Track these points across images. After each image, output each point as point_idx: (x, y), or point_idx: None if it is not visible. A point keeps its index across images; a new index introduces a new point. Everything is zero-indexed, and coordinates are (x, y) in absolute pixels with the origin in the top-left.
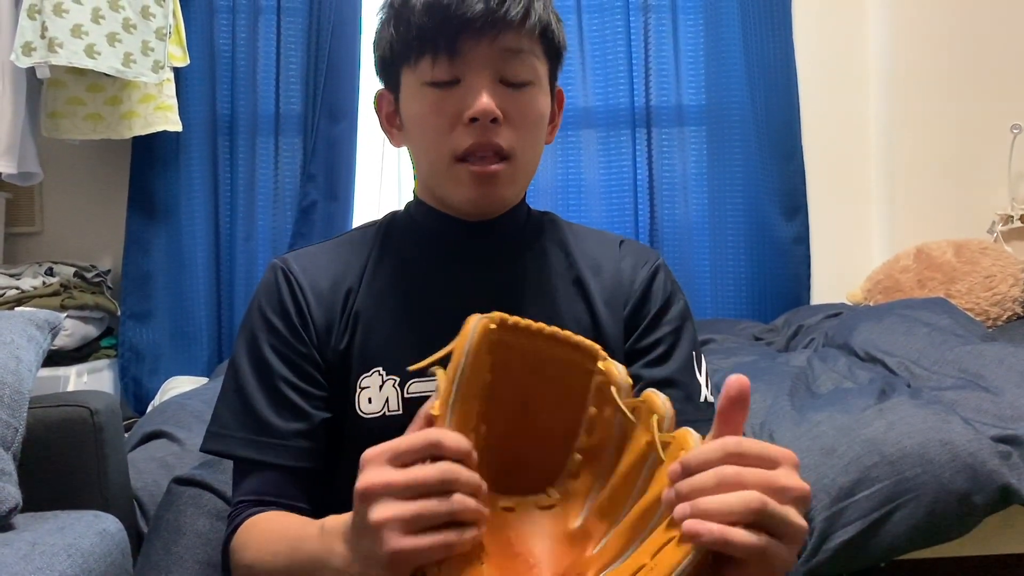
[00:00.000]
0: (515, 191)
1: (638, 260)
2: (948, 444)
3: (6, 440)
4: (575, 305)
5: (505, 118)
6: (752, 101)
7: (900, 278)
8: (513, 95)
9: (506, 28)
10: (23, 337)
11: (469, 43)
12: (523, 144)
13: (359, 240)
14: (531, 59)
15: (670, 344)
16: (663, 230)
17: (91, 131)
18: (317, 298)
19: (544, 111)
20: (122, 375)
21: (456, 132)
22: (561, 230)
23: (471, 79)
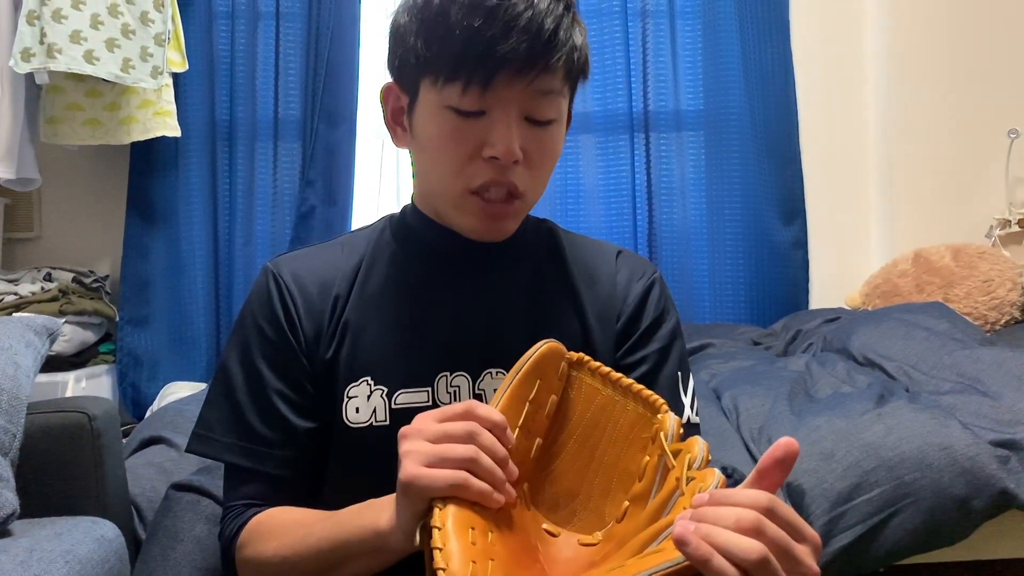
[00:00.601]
0: (519, 221)
1: (634, 273)
2: (947, 449)
3: (4, 446)
4: (567, 317)
5: (525, 157)
6: (750, 106)
7: (898, 282)
8: (536, 133)
9: (546, 71)
10: (21, 343)
11: (505, 80)
12: (536, 183)
13: (352, 245)
14: (559, 100)
15: (655, 363)
16: (661, 235)
17: (90, 136)
18: (306, 305)
19: (559, 145)
20: (120, 381)
21: (473, 165)
22: (558, 239)
23: (498, 114)
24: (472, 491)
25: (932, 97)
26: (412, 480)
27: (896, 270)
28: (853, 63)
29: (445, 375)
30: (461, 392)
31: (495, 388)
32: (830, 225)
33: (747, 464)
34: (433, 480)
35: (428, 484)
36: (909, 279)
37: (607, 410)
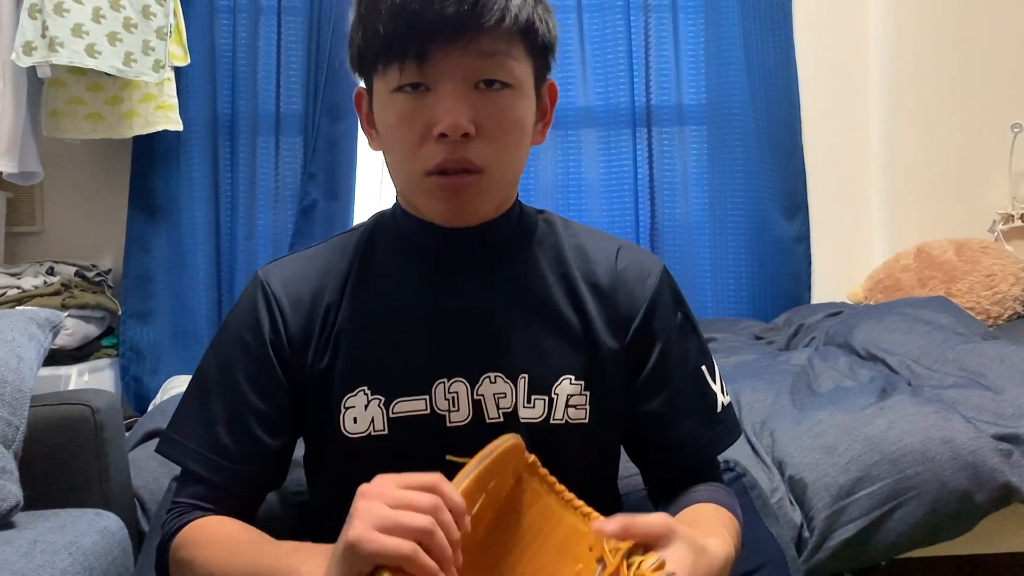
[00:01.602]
0: (491, 202)
1: (640, 273)
2: (949, 442)
3: (7, 438)
4: (568, 317)
5: (479, 129)
6: (752, 100)
7: (901, 277)
8: (488, 101)
9: (480, 32)
10: (24, 336)
11: (439, 49)
12: (498, 155)
13: (342, 248)
14: (508, 62)
15: (678, 365)
16: (663, 229)
17: (92, 131)
18: (295, 314)
19: (523, 116)
20: (123, 374)
21: (426, 146)
22: (556, 232)
23: (442, 87)
24: (420, 565)
25: (936, 91)
26: (360, 542)
27: (898, 265)
28: (856, 57)
29: (443, 381)
30: (460, 399)
31: (494, 393)
32: (832, 220)
33: (750, 458)
34: (382, 546)
35: (376, 549)
36: (911, 274)
37: (548, 518)
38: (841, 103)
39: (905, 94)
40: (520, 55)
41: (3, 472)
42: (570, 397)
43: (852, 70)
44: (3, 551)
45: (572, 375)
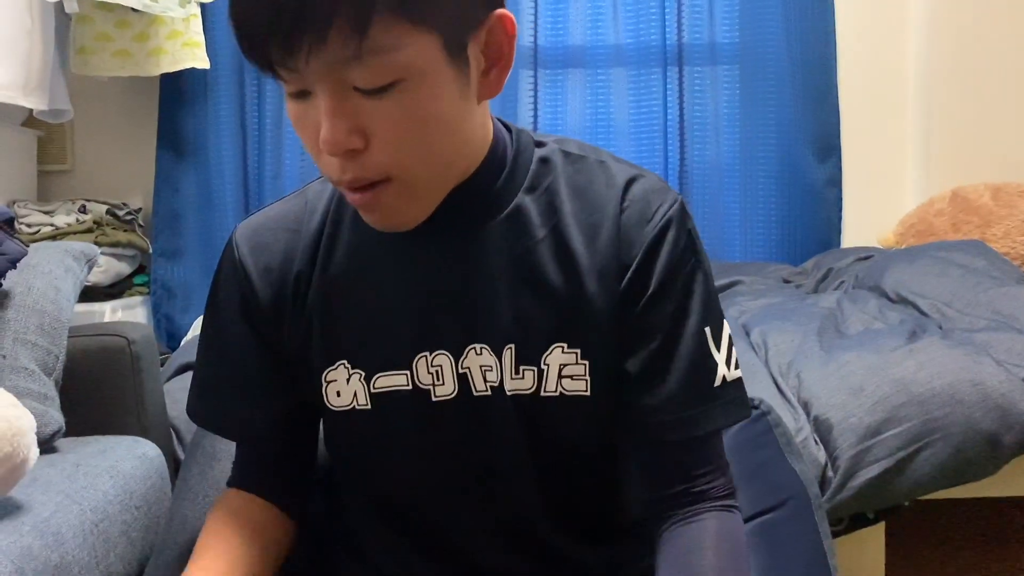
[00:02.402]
0: (423, 203)
1: (644, 212)
2: (979, 384)
3: (47, 366)
4: (558, 279)
5: (369, 139)
6: (787, 39)
7: (934, 221)
8: (374, 105)
9: (320, 37)
10: (61, 267)
11: (283, 62)
12: (403, 162)
13: (313, 204)
14: (385, 55)
15: (672, 324)
16: (693, 171)
17: (119, 68)
18: (264, 283)
19: (430, 107)
20: (155, 312)
21: (324, 156)
22: (554, 174)
23: (318, 94)
24: None
25: (975, 32)
26: None
27: (932, 209)
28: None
29: (425, 355)
30: (444, 372)
31: (480, 366)
32: (865, 163)
33: (775, 398)
34: None
35: None
36: (945, 218)
37: None
38: (878, 44)
39: (944, 35)
40: (401, 36)
41: (45, 398)
42: (563, 367)
43: (891, 9)
44: (47, 473)
45: (564, 343)
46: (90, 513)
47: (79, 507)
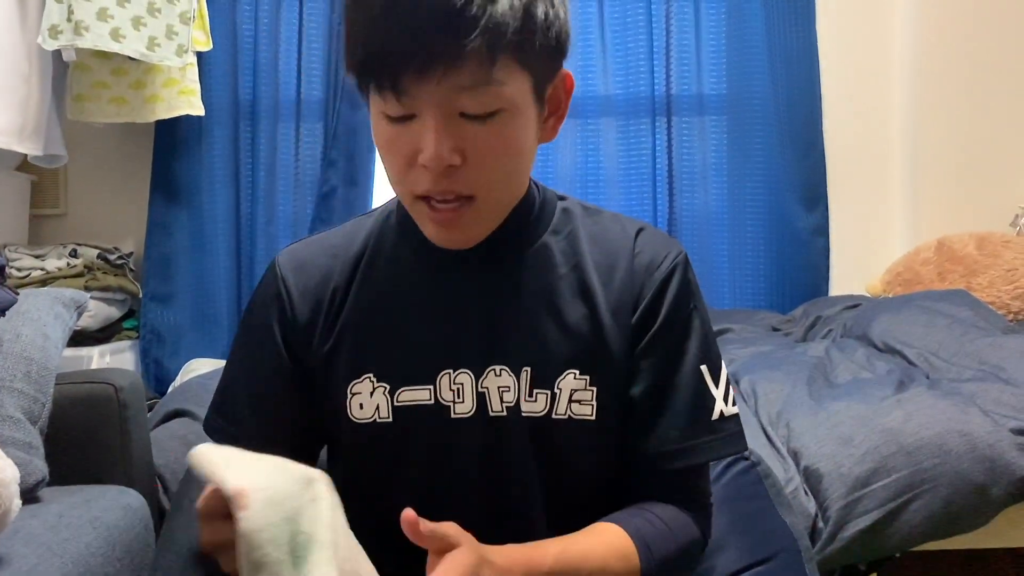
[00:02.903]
0: (487, 225)
1: (654, 258)
2: (967, 435)
3: (33, 415)
4: (576, 311)
5: (466, 157)
6: (774, 90)
7: (920, 270)
8: (476, 130)
9: (456, 62)
10: (50, 315)
11: (414, 82)
12: (490, 182)
13: (354, 233)
14: (493, 89)
15: (672, 360)
16: (682, 220)
17: (115, 114)
18: (303, 298)
19: (518, 136)
20: (143, 356)
21: (413, 172)
22: (574, 221)
23: (424, 117)
24: None
25: (959, 84)
26: None
27: (918, 258)
28: (879, 48)
29: (448, 372)
30: (464, 390)
31: (498, 386)
32: (852, 212)
33: (765, 448)
34: None
35: None
36: (931, 267)
37: None
38: (863, 94)
39: (928, 86)
40: (511, 73)
41: (29, 447)
42: (574, 392)
43: (875, 61)
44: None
45: (576, 370)
46: (72, 566)
47: (60, 560)
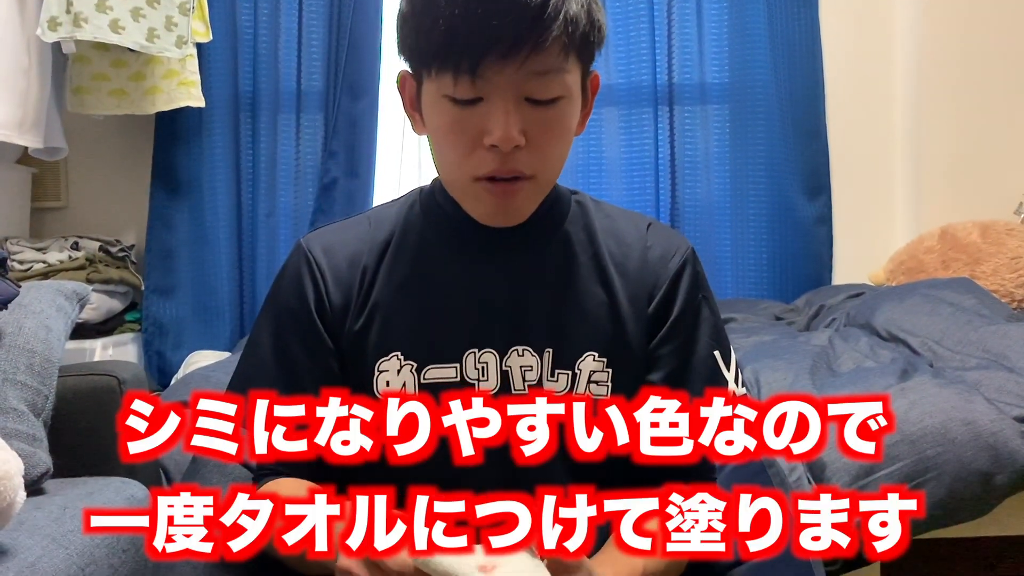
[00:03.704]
0: (536, 204)
1: (667, 251)
2: (970, 424)
3: (37, 407)
4: (595, 297)
5: (528, 139)
6: (776, 79)
7: (924, 259)
8: (539, 114)
9: (537, 51)
10: (52, 307)
11: (493, 65)
12: (546, 162)
13: (380, 219)
14: (561, 77)
15: (688, 348)
16: (684, 209)
17: (115, 106)
18: (335, 278)
19: (572, 122)
20: (146, 349)
21: (476, 154)
22: (588, 214)
23: (494, 100)
24: None
25: (962, 71)
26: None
27: (922, 246)
28: (882, 35)
29: (473, 351)
30: (489, 368)
31: (521, 366)
32: (855, 201)
33: None
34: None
35: None
36: (935, 255)
37: None
38: (866, 82)
39: (932, 73)
40: (573, 66)
41: (33, 440)
42: (592, 373)
43: (878, 48)
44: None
45: (595, 352)
46: (76, 557)
47: (65, 551)
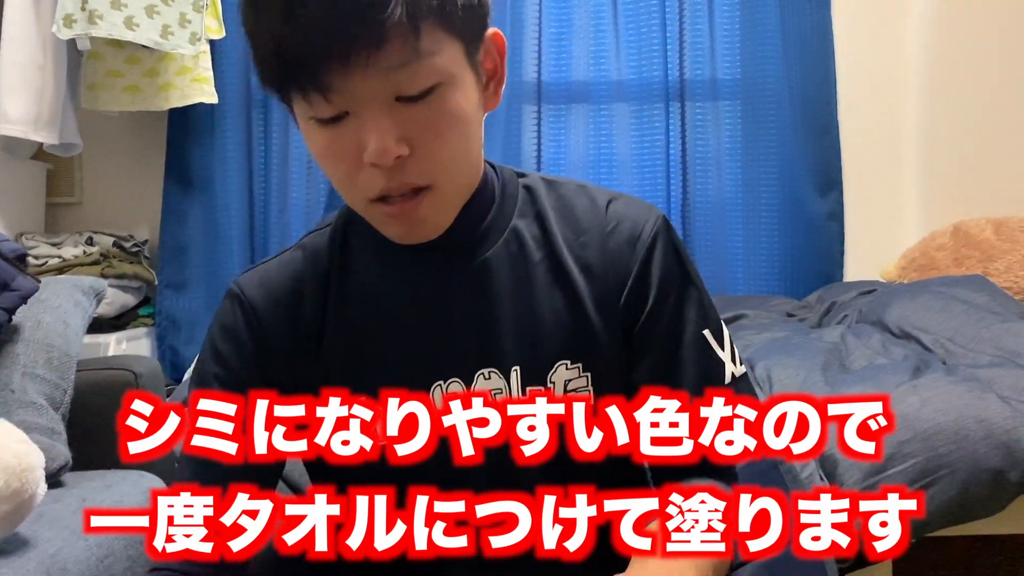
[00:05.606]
0: (450, 212)
1: (633, 230)
2: (984, 421)
3: (55, 401)
4: (557, 300)
5: (414, 145)
6: (788, 75)
7: (936, 256)
8: (417, 112)
9: (378, 45)
10: (70, 302)
11: (338, 75)
12: (444, 165)
13: (314, 252)
14: (426, 63)
15: (673, 334)
16: (695, 206)
17: (129, 103)
18: (275, 322)
19: (462, 106)
20: (159, 343)
21: (362, 175)
22: (539, 201)
23: (359, 112)
24: None
25: (975, 66)
26: None
27: (934, 243)
28: (895, 31)
29: (439, 384)
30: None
31: (490, 389)
32: (867, 197)
33: None
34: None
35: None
36: (947, 252)
37: None
38: (878, 78)
39: (945, 68)
40: (438, 41)
41: (52, 433)
42: (568, 382)
43: (890, 44)
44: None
45: (567, 360)
46: (95, 549)
47: (85, 543)
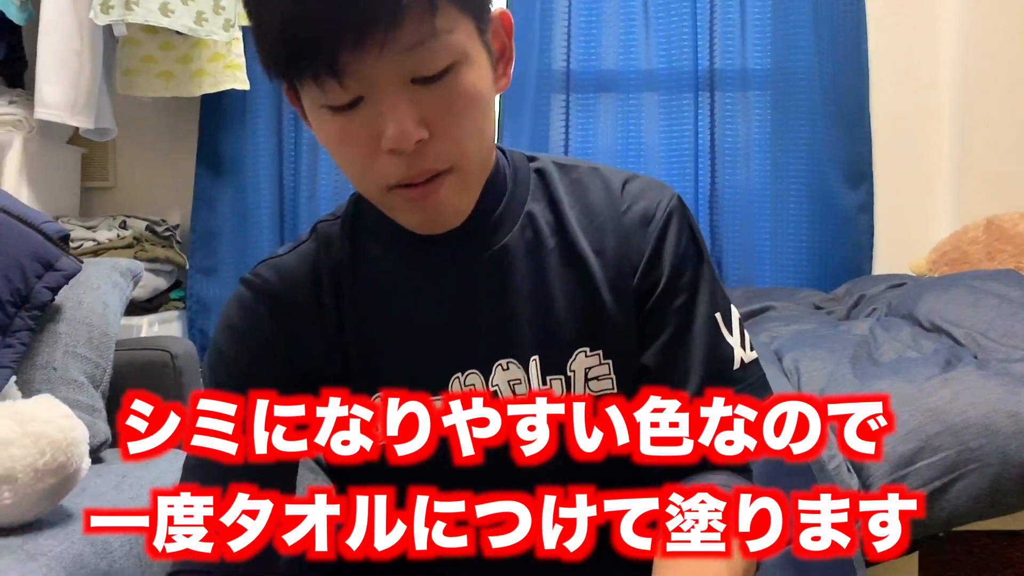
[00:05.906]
0: (472, 195)
1: (646, 211)
2: (1015, 416)
3: (95, 379)
4: (572, 286)
5: (432, 128)
6: (819, 65)
7: (968, 250)
8: (434, 92)
9: (395, 24)
10: (108, 283)
11: (353, 59)
12: (463, 146)
13: (326, 241)
14: (442, 41)
15: (684, 317)
16: (724, 196)
17: (163, 88)
18: (294, 313)
19: (478, 85)
20: (190, 326)
21: (378, 161)
22: (552, 184)
23: (375, 96)
24: None
25: (1010, 57)
26: None
27: (966, 237)
28: (928, 20)
29: (458, 376)
30: (477, 391)
31: (509, 380)
32: (897, 190)
33: None
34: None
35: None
36: (980, 246)
37: None
38: (911, 69)
39: (979, 59)
40: (453, 19)
41: (93, 410)
42: (589, 370)
43: (924, 33)
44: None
45: (586, 347)
46: None
47: None
